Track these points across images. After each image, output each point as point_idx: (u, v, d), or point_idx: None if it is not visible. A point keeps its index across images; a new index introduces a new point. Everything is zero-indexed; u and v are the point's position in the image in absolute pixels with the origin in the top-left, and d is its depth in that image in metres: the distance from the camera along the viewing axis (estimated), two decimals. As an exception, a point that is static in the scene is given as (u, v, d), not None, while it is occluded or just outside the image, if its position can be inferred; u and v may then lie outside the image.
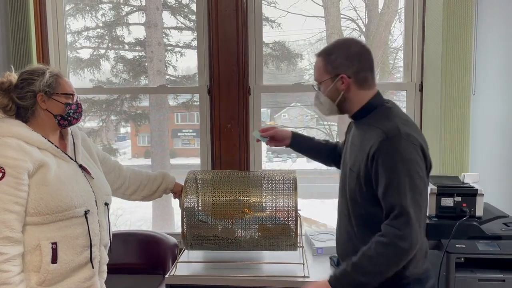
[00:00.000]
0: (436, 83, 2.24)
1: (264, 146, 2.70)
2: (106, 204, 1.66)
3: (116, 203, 2.24)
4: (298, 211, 1.89)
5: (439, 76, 2.20)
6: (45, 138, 1.53)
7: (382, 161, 1.35)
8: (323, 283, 1.40)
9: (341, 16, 3.45)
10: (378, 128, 1.40)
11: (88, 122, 4.13)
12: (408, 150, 1.35)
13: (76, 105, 1.61)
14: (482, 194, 1.83)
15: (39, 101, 1.54)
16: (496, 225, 1.83)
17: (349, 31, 3.54)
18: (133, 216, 4.18)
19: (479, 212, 1.83)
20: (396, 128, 1.37)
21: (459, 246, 1.70)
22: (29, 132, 1.51)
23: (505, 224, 1.84)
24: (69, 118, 1.58)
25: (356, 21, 3.52)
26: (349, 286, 1.37)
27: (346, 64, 1.47)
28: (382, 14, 3.39)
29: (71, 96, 1.59)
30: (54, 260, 1.46)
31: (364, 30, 3.50)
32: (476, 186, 1.87)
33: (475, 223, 1.78)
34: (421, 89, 2.41)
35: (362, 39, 3.50)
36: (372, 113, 1.49)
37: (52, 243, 1.46)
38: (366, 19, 3.48)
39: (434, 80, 2.25)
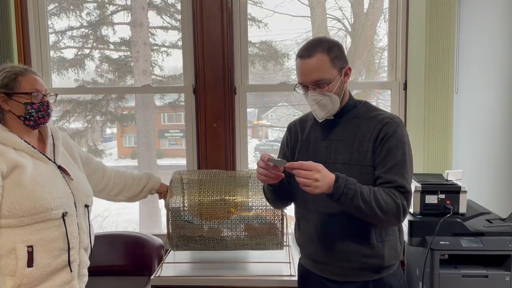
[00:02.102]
0: (419, 82, 2.26)
1: (250, 145, 2.70)
2: (87, 206, 1.62)
3: (102, 204, 2.22)
4: (284, 210, 1.90)
5: (422, 75, 2.23)
6: (21, 139, 1.50)
7: (393, 144, 1.43)
8: (330, 178, 1.33)
9: (327, 16, 3.47)
10: (378, 117, 1.48)
11: (73, 123, 4.08)
12: (407, 136, 1.49)
13: (41, 104, 1.55)
14: (466, 191, 1.85)
15: (0, 103, 1.51)
16: (479, 221, 1.85)
17: (335, 31, 3.55)
18: (119, 217, 4.14)
19: (462, 209, 1.85)
20: (397, 117, 1.50)
21: (443, 243, 1.71)
22: (5, 132, 1.48)
23: (488, 220, 1.86)
24: (32, 118, 1.53)
25: (342, 21, 3.54)
26: (345, 197, 1.34)
27: (343, 55, 1.50)
28: (367, 13, 3.41)
29: (30, 95, 1.52)
30: (30, 263, 1.42)
31: (350, 30, 3.51)
32: (459, 183, 1.89)
33: (458, 220, 1.80)
34: (405, 88, 2.44)
35: (348, 38, 3.52)
36: (358, 107, 1.54)
37: (28, 246, 1.42)
38: (352, 19, 3.50)
39: (418, 79, 2.28)
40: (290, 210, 1.96)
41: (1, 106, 1.51)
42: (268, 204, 1.90)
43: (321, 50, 1.45)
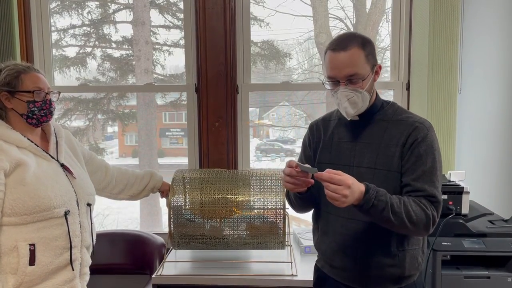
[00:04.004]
0: (422, 82, 2.25)
1: (251, 145, 2.69)
2: (89, 205, 1.62)
3: (103, 203, 2.21)
4: (286, 210, 1.89)
5: (425, 75, 2.22)
6: (25, 137, 1.50)
7: (423, 150, 1.36)
8: (359, 191, 1.26)
9: (329, 15, 3.46)
10: (408, 120, 1.41)
11: (75, 121, 4.08)
12: (438, 142, 1.41)
13: (43, 102, 1.54)
14: (468, 192, 1.85)
15: (3, 101, 1.51)
16: (481, 222, 1.84)
17: (337, 30, 3.55)
18: (120, 216, 4.14)
19: (465, 210, 1.85)
20: (427, 121, 1.43)
21: (445, 243, 1.71)
22: (8, 130, 1.48)
23: (490, 221, 1.86)
24: (35, 117, 1.53)
25: (344, 21, 3.54)
26: (375, 209, 1.27)
27: (375, 53, 1.44)
28: (369, 14, 3.41)
29: (32, 93, 1.52)
30: (31, 262, 1.42)
31: (352, 29, 3.51)
32: (462, 184, 1.89)
33: (461, 220, 1.80)
34: (408, 88, 2.43)
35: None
36: (385, 108, 1.47)
37: (30, 245, 1.42)
38: (354, 18, 3.50)
39: (421, 79, 2.27)
40: (291, 210, 1.96)
41: (4, 104, 1.51)
42: (269, 203, 1.91)
43: (356, 44, 1.38)
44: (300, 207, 1.62)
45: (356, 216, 1.40)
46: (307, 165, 1.33)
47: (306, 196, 1.49)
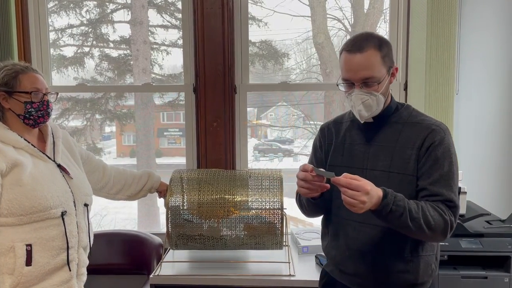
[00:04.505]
0: (420, 83, 2.26)
1: (249, 145, 2.69)
2: (86, 205, 1.61)
3: (101, 203, 2.21)
4: (284, 210, 1.89)
5: (423, 76, 2.23)
6: (21, 137, 1.49)
7: (440, 153, 1.32)
8: (377, 196, 1.22)
9: (327, 16, 3.47)
10: (424, 123, 1.38)
11: (72, 121, 4.07)
12: (454, 146, 1.38)
13: (41, 103, 1.53)
14: (465, 192, 1.85)
15: (1, 101, 1.50)
16: (478, 223, 1.85)
17: (335, 31, 3.56)
18: (118, 216, 4.14)
19: (462, 210, 1.85)
20: (443, 124, 1.40)
21: (443, 244, 1.72)
22: (4, 131, 1.47)
23: (487, 222, 1.86)
24: (32, 118, 1.52)
25: (342, 21, 3.54)
26: (393, 215, 1.24)
27: (392, 54, 1.40)
28: (367, 14, 3.41)
29: (30, 94, 1.50)
30: (28, 262, 1.41)
31: (350, 30, 3.51)
32: (459, 184, 1.89)
33: (458, 221, 1.80)
34: (405, 88, 2.43)
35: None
36: (400, 111, 1.43)
37: (27, 245, 1.41)
38: (352, 19, 3.50)
39: (418, 80, 2.28)
40: (289, 210, 1.96)
41: (1, 104, 1.50)
42: (267, 203, 1.90)
43: (372, 45, 1.33)
44: (312, 212, 1.56)
45: (369, 221, 1.36)
46: (323, 170, 1.29)
47: (320, 201, 1.44)
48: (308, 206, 1.52)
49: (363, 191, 1.19)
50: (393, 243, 1.37)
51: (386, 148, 1.39)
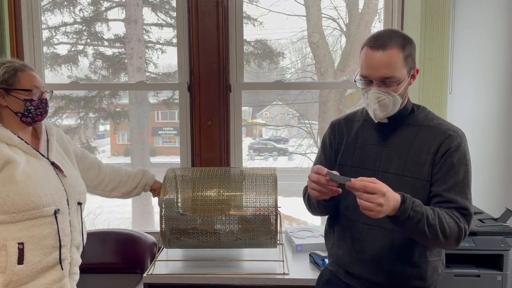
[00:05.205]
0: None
1: (244, 144, 2.69)
2: (79, 204, 1.60)
3: (95, 202, 2.20)
4: (278, 208, 1.89)
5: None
6: (15, 134, 1.48)
7: (456, 159, 1.29)
8: (395, 200, 1.18)
9: (322, 15, 3.47)
10: (440, 127, 1.34)
11: (66, 120, 4.05)
12: (469, 152, 1.35)
13: (40, 101, 1.53)
14: (458, 191, 1.86)
15: None
16: (471, 221, 1.86)
17: (330, 30, 3.56)
18: (112, 215, 4.13)
19: (455, 208, 1.86)
20: (460, 130, 1.36)
21: (436, 242, 1.72)
22: None
23: (480, 220, 1.87)
24: (30, 115, 1.52)
25: (337, 20, 3.55)
26: (411, 221, 1.19)
27: (414, 55, 1.34)
28: (362, 13, 3.43)
29: (30, 91, 1.51)
30: (20, 261, 1.40)
31: (344, 29, 3.52)
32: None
33: (451, 219, 1.81)
34: (400, 88, 2.44)
35: (343, 38, 3.54)
36: (416, 113, 1.39)
37: (19, 243, 1.40)
38: (347, 18, 3.51)
39: (413, 79, 2.28)
40: (283, 209, 1.96)
41: None
42: (261, 201, 1.90)
43: (396, 44, 1.28)
44: (320, 212, 1.52)
45: (378, 223, 1.32)
46: (337, 173, 1.25)
47: (330, 203, 1.40)
48: (318, 206, 1.47)
49: (380, 193, 1.14)
50: (401, 247, 1.34)
51: (400, 151, 1.35)
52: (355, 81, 1.36)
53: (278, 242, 1.99)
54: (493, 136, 2.07)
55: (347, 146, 1.46)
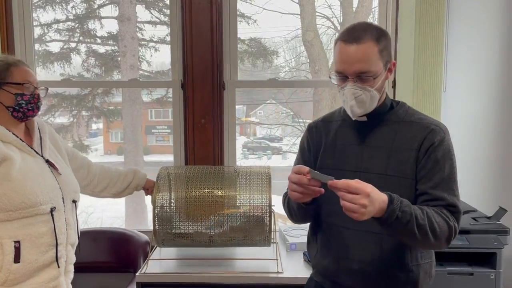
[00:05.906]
0: (408, 80, 2.27)
1: (238, 143, 2.68)
2: (74, 202, 1.59)
3: (87, 201, 2.18)
4: (272, 207, 1.89)
5: (411, 73, 2.24)
6: (9, 131, 1.47)
7: (441, 155, 1.25)
8: (381, 201, 1.12)
9: (317, 14, 3.47)
10: (422, 123, 1.29)
11: (58, 118, 4.02)
12: (453, 146, 1.31)
13: (32, 96, 1.51)
14: (452, 189, 1.86)
15: None
16: (464, 219, 1.86)
17: (324, 29, 3.56)
18: (105, 214, 4.10)
19: (448, 207, 1.86)
20: (442, 124, 1.31)
21: (430, 240, 1.72)
22: None
23: (474, 218, 1.87)
24: (21, 110, 1.50)
25: (331, 19, 3.55)
26: (399, 222, 1.13)
27: (390, 48, 1.29)
28: (356, 12, 3.43)
29: (22, 86, 1.49)
30: (16, 259, 1.39)
31: (339, 28, 3.52)
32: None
33: (445, 217, 1.81)
34: (393, 86, 2.44)
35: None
36: (395, 109, 1.34)
37: (15, 242, 1.39)
38: (341, 17, 3.51)
39: (407, 77, 2.28)
40: (277, 207, 1.95)
41: None
42: (255, 200, 1.89)
43: (370, 37, 1.22)
44: (301, 218, 1.44)
45: (364, 227, 1.24)
46: (319, 173, 1.18)
47: (312, 207, 1.32)
48: (299, 211, 1.38)
49: (363, 193, 1.08)
50: (391, 252, 1.28)
51: (382, 149, 1.29)
52: (330, 77, 1.30)
53: (272, 240, 1.99)
54: (486, 134, 2.07)
55: (326, 148, 1.40)
